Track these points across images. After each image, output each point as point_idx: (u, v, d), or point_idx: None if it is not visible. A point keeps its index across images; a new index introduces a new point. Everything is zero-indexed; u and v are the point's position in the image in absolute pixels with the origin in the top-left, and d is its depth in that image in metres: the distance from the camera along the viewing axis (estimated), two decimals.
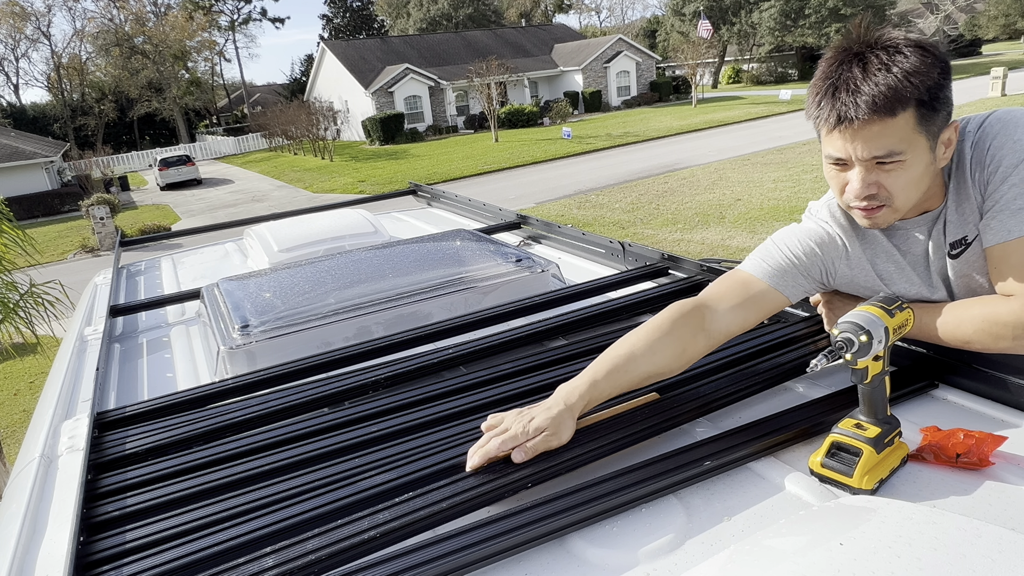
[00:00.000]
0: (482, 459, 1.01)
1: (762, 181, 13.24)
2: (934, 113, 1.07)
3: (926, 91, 1.05)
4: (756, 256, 1.30)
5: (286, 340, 1.59)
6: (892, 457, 0.95)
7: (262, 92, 57.13)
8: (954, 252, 1.21)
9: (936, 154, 1.12)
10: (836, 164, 1.14)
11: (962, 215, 1.18)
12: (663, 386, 1.20)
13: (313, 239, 2.45)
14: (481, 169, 20.23)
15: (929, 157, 1.10)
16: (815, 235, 1.30)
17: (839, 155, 1.12)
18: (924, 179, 1.12)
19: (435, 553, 0.83)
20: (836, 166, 1.14)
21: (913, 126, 1.06)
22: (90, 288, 2.56)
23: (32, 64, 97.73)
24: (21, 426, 6.38)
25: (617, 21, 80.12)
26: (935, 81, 1.06)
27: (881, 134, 1.07)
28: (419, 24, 51.33)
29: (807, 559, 0.67)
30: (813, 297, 1.38)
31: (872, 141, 1.07)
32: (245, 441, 1.17)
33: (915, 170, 1.10)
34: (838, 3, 36.70)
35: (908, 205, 1.14)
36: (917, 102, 1.05)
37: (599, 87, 35.86)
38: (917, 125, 1.06)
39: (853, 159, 1.11)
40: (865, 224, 1.19)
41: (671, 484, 0.96)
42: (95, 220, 15.06)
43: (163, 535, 0.93)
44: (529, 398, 1.22)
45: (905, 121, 1.06)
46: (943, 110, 1.08)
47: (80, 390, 1.56)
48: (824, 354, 0.93)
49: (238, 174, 28.97)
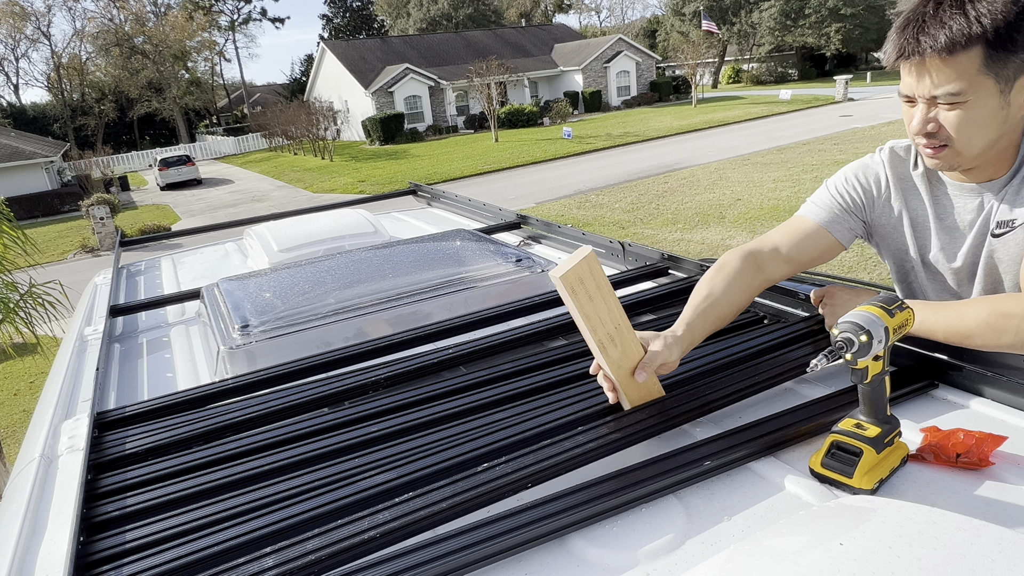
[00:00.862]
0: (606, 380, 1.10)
1: (762, 181, 13.24)
2: (1007, 55, 1.04)
3: (995, 31, 1.02)
4: (810, 200, 1.38)
5: (286, 340, 1.59)
6: (892, 457, 0.95)
7: (262, 92, 57.14)
8: (997, 232, 1.20)
9: (1011, 99, 1.08)
10: (906, 100, 1.16)
11: (1021, 197, 1.16)
12: (664, 385, 1.20)
13: (313, 239, 2.45)
14: (481, 169, 20.23)
15: (998, 102, 1.07)
16: (864, 169, 1.35)
17: (905, 91, 1.13)
18: (991, 126, 1.09)
19: (435, 553, 0.83)
20: (907, 102, 1.16)
21: (978, 67, 1.04)
22: (90, 288, 2.56)
23: (32, 64, 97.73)
24: (21, 426, 6.38)
25: (617, 21, 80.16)
26: (1012, 20, 1.02)
27: (941, 72, 1.06)
28: (419, 24, 51.34)
29: (807, 559, 0.67)
30: (814, 296, 1.38)
31: (932, 78, 1.07)
32: (245, 441, 1.17)
33: (979, 113, 1.08)
34: (838, 3, 36.69)
35: (972, 150, 1.12)
36: (985, 42, 1.02)
37: (599, 87, 35.86)
38: (983, 66, 1.04)
39: (916, 95, 1.12)
40: (931, 164, 1.19)
41: (671, 484, 0.96)
42: (95, 220, 15.06)
43: (163, 535, 0.93)
44: (529, 398, 1.22)
45: (969, 61, 1.04)
46: (1021, 52, 1.04)
47: (80, 390, 1.56)
48: (824, 354, 0.93)
49: (238, 174, 28.97)
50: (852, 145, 16.30)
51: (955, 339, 1.11)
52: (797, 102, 28.64)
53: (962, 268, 1.29)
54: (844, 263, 7.59)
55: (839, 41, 37.57)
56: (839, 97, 28.03)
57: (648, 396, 1.15)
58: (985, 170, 1.20)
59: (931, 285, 1.38)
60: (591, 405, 1.15)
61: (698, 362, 1.27)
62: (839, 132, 18.95)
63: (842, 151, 15.59)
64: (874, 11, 36.89)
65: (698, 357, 1.29)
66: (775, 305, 1.54)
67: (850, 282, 3.04)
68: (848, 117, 22.15)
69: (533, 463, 1.00)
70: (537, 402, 1.19)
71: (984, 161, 1.18)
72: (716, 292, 1.24)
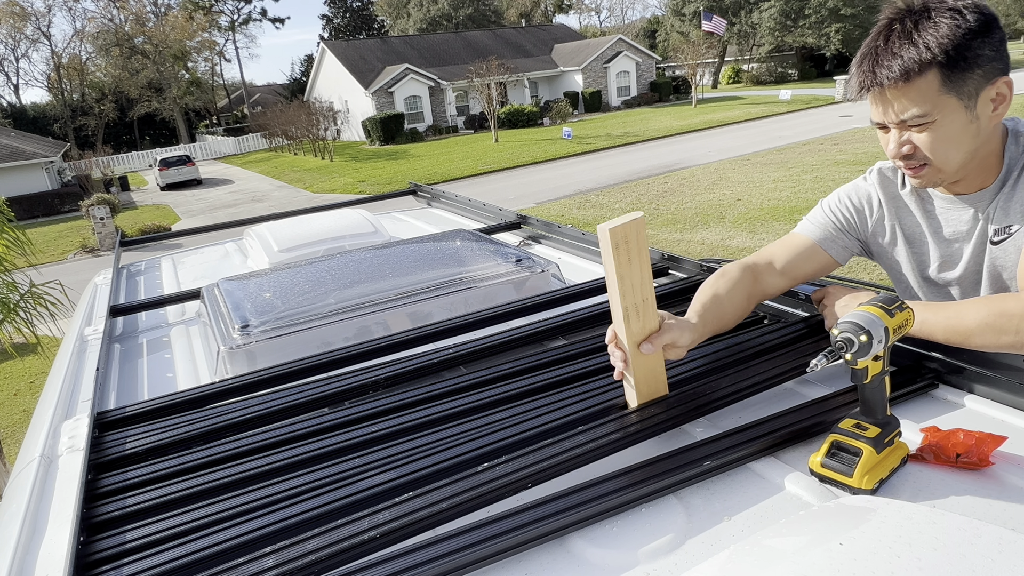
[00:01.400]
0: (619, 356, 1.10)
1: (762, 181, 13.24)
2: (964, 72, 1.08)
3: (945, 54, 1.06)
4: (806, 218, 1.42)
5: (286, 340, 1.59)
6: (892, 457, 0.95)
7: (262, 92, 57.13)
8: (996, 239, 1.23)
9: (979, 112, 1.12)
10: (879, 127, 1.20)
11: (1013, 204, 1.19)
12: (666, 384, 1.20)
13: (313, 239, 2.45)
14: (481, 169, 20.23)
15: (965, 116, 1.11)
16: (856, 190, 1.39)
17: (876, 119, 1.18)
18: (964, 140, 1.13)
19: (435, 553, 0.83)
20: (880, 130, 1.21)
21: (937, 88, 1.09)
22: (90, 288, 2.56)
23: (32, 64, 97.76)
24: (21, 426, 6.38)
25: (617, 21, 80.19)
26: (959, 41, 1.06)
27: (901, 99, 1.11)
28: (419, 24, 51.33)
29: (807, 559, 0.67)
30: (814, 296, 1.39)
31: (895, 106, 1.12)
32: (245, 441, 1.17)
33: (948, 130, 1.12)
34: (838, 3, 36.70)
35: (951, 165, 1.16)
36: (938, 65, 1.07)
37: (599, 87, 35.87)
38: (941, 87, 1.09)
39: (885, 122, 1.17)
40: (915, 183, 1.24)
41: (671, 484, 0.96)
42: (95, 220, 15.07)
43: (163, 535, 0.93)
44: (529, 398, 1.22)
45: (927, 84, 1.08)
46: (976, 68, 1.08)
47: (80, 390, 1.55)
48: (824, 354, 0.93)
49: (238, 174, 28.97)
50: (852, 145, 16.30)
51: (955, 339, 1.11)
52: (797, 102, 28.65)
53: (964, 276, 1.31)
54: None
55: (839, 41, 37.58)
56: (839, 97, 28.04)
57: (654, 382, 1.14)
58: (972, 181, 1.23)
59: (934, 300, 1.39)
60: (591, 405, 1.15)
61: (698, 362, 1.27)
62: (839, 132, 18.95)
63: (842, 151, 15.59)
64: (874, 11, 36.81)
65: (698, 357, 1.29)
66: (775, 305, 1.54)
67: (850, 282, 3.04)
68: (848, 117, 22.15)
69: (533, 463, 1.00)
70: (537, 402, 1.19)
71: (968, 173, 1.21)
72: (721, 294, 1.27)
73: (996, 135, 1.18)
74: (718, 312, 1.24)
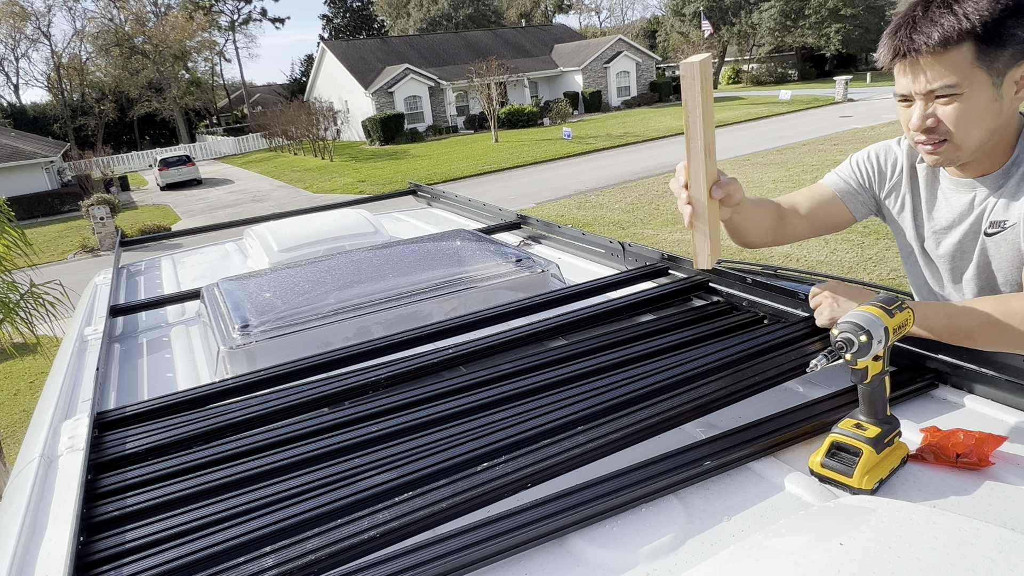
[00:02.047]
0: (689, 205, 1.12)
1: (762, 181, 13.23)
2: (996, 49, 1.10)
3: (983, 26, 1.08)
4: (834, 170, 1.48)
5: (286, 340, 1.59)
6: (892, 457, 0.95)
7: (262, 92, 57.13)
8: (991, 231, 1.26)
9: (1003, 92, 1.14)
10: (902, 101, 1.22)
11: (1013, 198, 1.21)
12: (663, 387, 1.20)
13: (313, 239, 2.45)
14: (481, 169, 20.23)
15: (991, 94, 1.13)
16: (886, 150, 1.44)
17: (902, 91, 1.19)
18: (987, 117, 1.15)
19: (435, 553, 0.83)
20: (902, 103, 1.22)
21: (971, 60, 1.11)
22: (90, 288, 2.56)
23: (32, 64, 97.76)
24: (21, 426, 6.38)
25: (617, 21, 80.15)
26: (997, 17, 1.08)
27: (935, 67, 1.12)
28: (419, 24, 51.33)
29: (807, 559, 0.67)
30: (812, 293, 1.39)
31: (927, 74, 1.14)
32: (245, 441, 1.17)
33: (974, 105, 1.14)
34: (838, 3, 36.69)
35: (971, 143, 1.17)
36: (975, 37, 1.09)
37: (599, 87, 35.86)
38: (975, 60, 1.11)
39: (912, 93, 1.17)
40: (931, 161, 1.25)
41: (671, 484, 0.96)
42: (95, 220, 15.06)
43: (163, 535, 0.93)
44: (529, 398, 1.22)
45: (961, 55, 1.11)
46: (1010, 46, 1.10)
47: (80, 390, 1.55)
48: (824, 354, 0.93)
49: (238, 174, 28.97)
50: (852, 146, 16.30)
51: (959, 338, 1.11)
52: (797, 103, 28.64)
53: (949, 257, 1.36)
54: (844, 264, 7.60)
55: (839, 41, 37.57)
56: (839, 98, 28.02)
57: (718, 237, 1.15)
58: (979, 165, 1.25)
59: (928, 272, 1.45)
60: (591, 405, 1.15)
61: (698, 362, 1.27)
62: (839, 133, 18.95)
63: (842, 151, 15.58)
64: (874, 11, 36.87)
65: (698, 357, 1.29)
66: (775, 305, 1.54)
67: (851, 282, 3.03)
68: (848, 118, 22.15)
69: (533, 463, 1.00)
70: (537, 402, 1.19)
71: (980, 155, 1.22)
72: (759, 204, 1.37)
73: (1014, 120, 1.20)
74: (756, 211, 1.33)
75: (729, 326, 1.49)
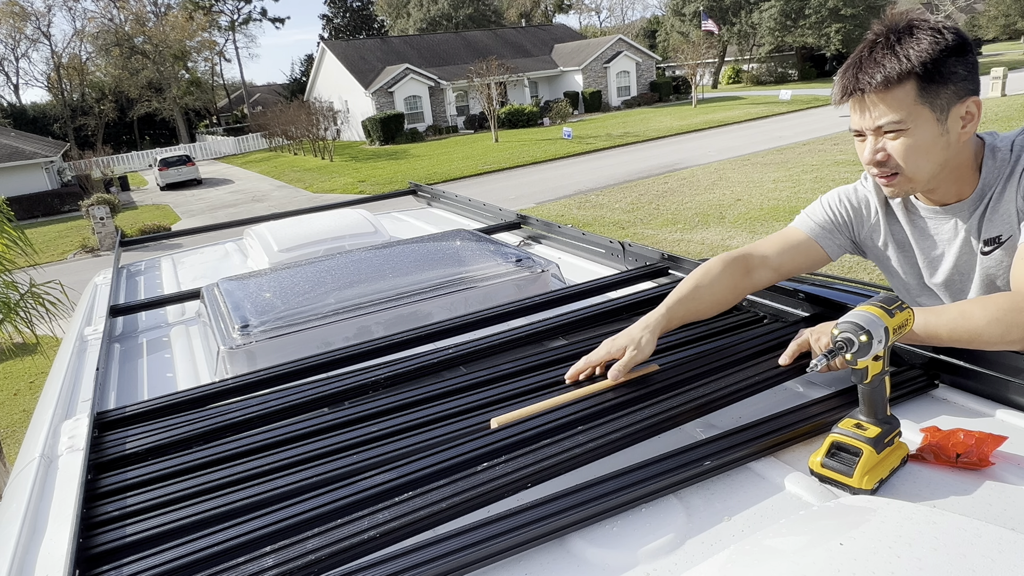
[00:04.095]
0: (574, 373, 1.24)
1: (762, 181, 13.24)
2: (938, 86, 1.15)
3: (923, 66, 1.14)
4: (804, 212, 1.48)
5: (286, 340, 1.59)
6: (892, 457, 0.95)
7: (262, 92, 57.11)
8: (987, 249, 1.28)
9: (949, 127, 1.19)
10: (857, 136, 1.27)
11: (999, 216, 1.24)
12: (663, 387, 1.20)
13: (313, 239, 2.45)
14: (481, 169, 20.23)
15: (936, 128, 1.18)
16: (855, 194, 1.45)
17: (854, 127, 1.26)
18: (934, 151, 1.20)
19: (435, 553, 0.83)
20: (857, 138, 1.28)
21: (913, 98, 1.16)
22: (90, 288, 2.56)
23: (32, 64, 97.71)
24: (21, 426, 6.38)
25: (617, 21, 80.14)
26: (937, 57, 1.14)
27: (879, 105, 1.19)
28: (419, 24, 51.31)
29: (807, 559, 0.67)
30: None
31: (872, 112, 1.20)
32: (245, 441, 1.17)
33: (920, 140, 1.19)
34: (838, 3, 36.69)
35: (921, 175, 1.23)
36: (916, 76, 1.15)
37: (599, 87, 35.86)
38: (918, 97, 1.16)
39: (863, 129, 1.24)
40: (888, 192, 1.30)
41: (671, 484, 0.96)
42: (95, 220, 15.06)
43: (163, 535, 0.93)
44: (529, 397, 1.22)
45: (904, 93, 1.16)
46: (950, 84, 1.16)
47: (80, 390, 1.55)
48: (824, 354, 0.93)
49: (238, 174, 28.97)
50: (852, 145, 16.18)
51: (962, 339, 1.10)
52: (797, 102, 28.64)
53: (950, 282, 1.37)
54: (844, 264, 7.59)
55: (839, 41, 37.55)
56: None
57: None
58: (949, 192, 1.29)
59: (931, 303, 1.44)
60: (591, 405, 1.15)
61: (698, 362, 1.27)
62: (839, 132, 18.94)
63: (842, 151, 15.59)
64: (874, 11, 36.83)
65: (698, 357, 1.29)
66: (775, 305, 1.54)
67: (850, 282, 3.04)
68: (848, 117, 22.08)
69: (533, 463, 1.00)
70: (537, 402, 1.19)
71: (940, 183, 1.27)
72: (702, 286, 1.34)
73: (967, 150, 1.25)
74: (693, 306, 1.33)
75: (729, 326, 1.49)
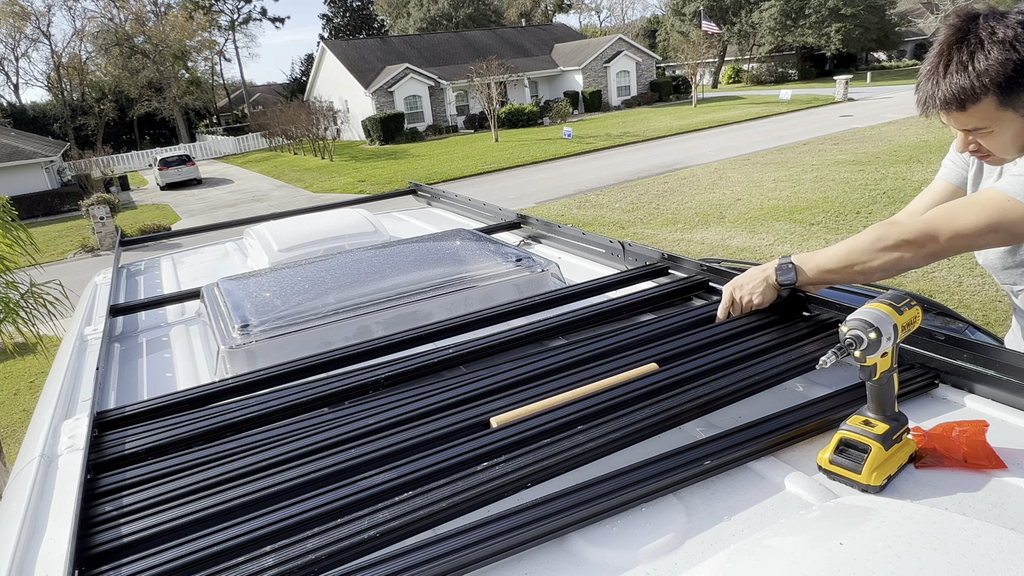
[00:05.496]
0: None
1: (762, 181, 13.23)
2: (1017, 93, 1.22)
3: (997, 85, 1.21)
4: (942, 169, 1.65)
5: (286, 340, 1.59)
6: (900, 454, 0.95)
7: (262, 92, 57.11)
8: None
9: None
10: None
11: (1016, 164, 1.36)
12: (663, 387, 1.20)
13: (313, 239, 2.45)
14: (481, 169, 20.23)
15: (1020, 123, 1.27)
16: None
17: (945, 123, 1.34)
18: (1020, 137, 1.29)
19: (435, 553, 0.83)
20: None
21: (994, 108, 1.24)
22: (90, 288, 2.56)
23: (32, 64, 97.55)
24: (21, 426, 6.37)
25: (617, 21, 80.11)
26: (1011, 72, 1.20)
27: (961, 117, 1.28)
28: (419, 24, 51.31)
29: (807, 559, 0.67)
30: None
31: (956, 121, 1.31)
32: (245, 441, 1.17)
33: (1006, 135, 1.29)
34: (838, 3, 36.67)
35: (1011, 155, 1.34)
36: (994, 91, 1.21)
37: (599, 87, 35.85)
38: (999, 106, 1.24)
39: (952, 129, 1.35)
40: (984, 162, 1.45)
41: (671, 484, 0.95)
42: (95, 220, 15.06)
43: (163, 534, 0.93)
44: (529, 396, 1.22)
45: (984, 106, 1.24)
46: None
47: (80, 390, 1.55)
48: (833, 351, 0.93)
49: (238, 174, 28.97)
50: (852, 145, 16.29)
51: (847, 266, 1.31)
52: (797, 102, 28.64)
53: None
54: None
55: (839, 41, 37.55)
56: (839, 97, 28.02)
57: None
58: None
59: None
60: (591, 405, 1.15)
61: (698, 362, 1.27)
62: (839, 132, 18.94)
63: (842, 151, 15.58)
64: (874, 11, 36.86)
65: (698, 357, 1.29)
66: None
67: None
68: (848, 117, 22.14)
69: (533, 462, 1.00)
70: (537, 401, 1.19)
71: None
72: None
73: None
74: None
75: (729, 325, 1.48)
